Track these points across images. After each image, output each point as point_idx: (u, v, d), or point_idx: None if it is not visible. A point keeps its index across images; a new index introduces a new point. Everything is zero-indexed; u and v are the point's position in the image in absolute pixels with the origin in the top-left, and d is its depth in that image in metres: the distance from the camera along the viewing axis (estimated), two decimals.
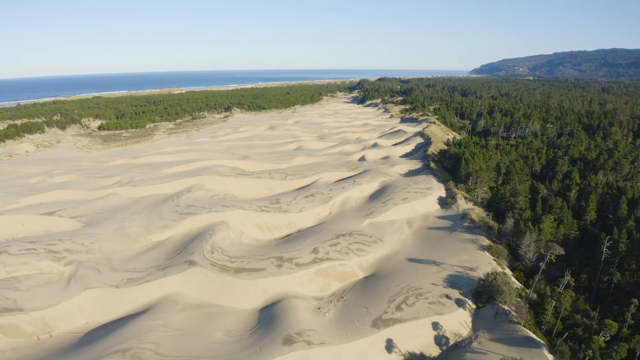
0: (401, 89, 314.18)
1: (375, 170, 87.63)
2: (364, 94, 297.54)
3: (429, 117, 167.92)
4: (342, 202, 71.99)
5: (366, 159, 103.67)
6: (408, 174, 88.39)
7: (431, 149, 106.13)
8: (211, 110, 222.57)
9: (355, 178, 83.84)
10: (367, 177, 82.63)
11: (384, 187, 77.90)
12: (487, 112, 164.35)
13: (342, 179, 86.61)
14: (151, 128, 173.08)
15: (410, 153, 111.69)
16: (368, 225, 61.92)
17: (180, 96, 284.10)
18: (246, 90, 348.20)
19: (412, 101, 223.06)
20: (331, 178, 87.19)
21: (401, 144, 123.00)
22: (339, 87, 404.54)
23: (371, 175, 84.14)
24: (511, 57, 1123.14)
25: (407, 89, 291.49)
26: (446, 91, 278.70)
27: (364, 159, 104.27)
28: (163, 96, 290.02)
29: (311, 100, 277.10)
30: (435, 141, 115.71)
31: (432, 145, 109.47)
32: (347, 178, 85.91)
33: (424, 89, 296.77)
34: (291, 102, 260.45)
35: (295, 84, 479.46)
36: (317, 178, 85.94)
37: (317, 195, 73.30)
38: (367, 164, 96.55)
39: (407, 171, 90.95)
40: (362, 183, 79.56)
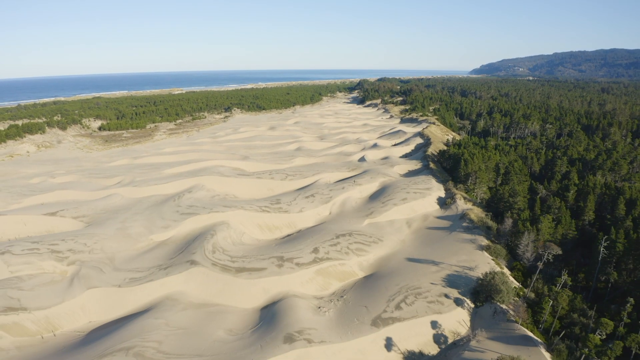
0: (401, 89, 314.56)
1: (375, 171, 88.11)
2: (364, 95, 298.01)
3: (428, 117, 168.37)
4: (342, 203, 72.48)
5: (366, 159, 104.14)
6: (408, 175, 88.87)
7: (431, 149, 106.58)
8: (211, 111, 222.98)
9: (355, 178, 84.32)
10: (367, 178, 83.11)
11: (383, 187, 78.40)
12: (486, 113, 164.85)
13: (342, 179, 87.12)
14: (151, 128, 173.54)
15: (410, 153, 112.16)
16: (368, 226, 62.40)
17: (180, 96, 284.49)
18: (246, 91, 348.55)
19: (412, 101, 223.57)
20: (331, 178, 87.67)
21: (401, 144, 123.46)
22: (338, 88, 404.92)
23: (371, 175, 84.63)
24: (511, 57, 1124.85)
25: (407, 90, 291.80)
26: (446, 91, 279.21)
27: (363, 159, 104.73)
28: (163, 96, 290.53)
29: (311, 101, 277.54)
30: (434, 142, 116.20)
31: (431, 146, 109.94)
32: (347, 178, 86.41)
33: (423, 89, 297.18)
34: (291, 102, 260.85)
35: (295, 84, 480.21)
36: (317, 178, 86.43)
37: (317, 196, 73.79)
38: (367, 165, 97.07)
39: (407, 171, 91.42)
40: (362, 183, 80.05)
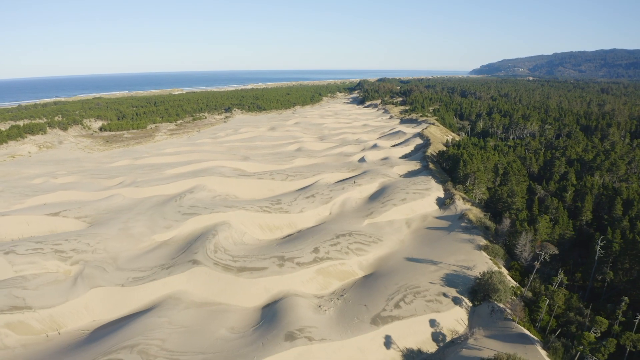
0: (401, 89, 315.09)
1: (375, 171, 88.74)
2: (363, 95, 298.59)
3: (428, 118, 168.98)
4: (342, 203, 73.11)
5: (366, 160, 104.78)
6: (407, 175, 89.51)
7: (430, 150, 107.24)
8: (212, 111, 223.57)
9: (355, 179, 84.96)
10: (367, 178, 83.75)
11: (383, 187, 79.04)
12: (486, 113, 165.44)
13: (342, 179, 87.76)
14: (152, 129, 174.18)
15: (409, 154, 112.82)
16: (367, 226, 63.02)
17: (180, 97, 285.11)
18: (246, 91, 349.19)
19: (411, 102, 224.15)
20: (331, 179, 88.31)
21: (400, 145, 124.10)
22: (338, 88, 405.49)
23: (371, 176, 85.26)
24: (511, 58, 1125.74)
25: (407, 90, 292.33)
26: (446, 92, 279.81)
27: (363, 160, 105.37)
28: (164, 97, 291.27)
29: (311, 101, 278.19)
30: (434, 142, 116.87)
31: (431, 147, 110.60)
32: (347, 179, 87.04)
33: (423, 89, 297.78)
34: (291, 102, 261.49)
35: (295, 84, 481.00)
36: (317, 179, 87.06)
37: (317, 196, 74.43)
38: (367, 165, 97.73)
39: (406, 172, 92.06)
40: (362, 184, 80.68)
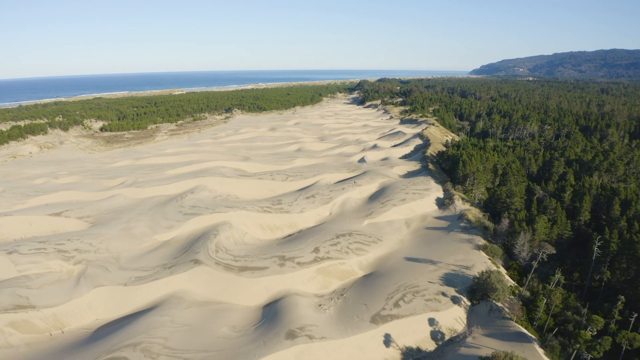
0: (401, 90, 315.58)
1: (375, 172, 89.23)
2: (363, 95, 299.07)
3: (428, 118, 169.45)
4: (342, 203, 73.60)
5: (366, 160, 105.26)
6: (407, 175, 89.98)
7: (430, 150, 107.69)
8: (212, 112, 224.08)
9: (355, 179, 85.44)
10: (367, 179, 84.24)
11: (383, 188, 79.52)
12: (485, 114, 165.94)
13: (342, 180, 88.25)
14: (153, 129, 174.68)
15: (409, 154, 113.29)
16: (367, 226, 63.51)
17: (181, 97, 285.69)
18: (247, 91, 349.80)
19: (411, 102, 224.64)
20: (331, 179, 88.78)
21: (400, 145, 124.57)
22: (339, 88, 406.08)
23: (371, 176, 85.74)
24: (511, 58, 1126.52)
25: (407, 90, 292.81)
26: (446, 92, 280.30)
27: (363, 160, 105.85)
28: (164, 97, 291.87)
29: (311, 101, 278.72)
30: (434, 143, 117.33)
31: (430, 147, 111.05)
32: (347, 179, 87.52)
33: (423, 90, 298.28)
34: (291, 103, 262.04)
35: (295, 84, 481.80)
36: (317, 179, 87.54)
37: (317, 196, 74.91)
38: (367, 166, 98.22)
39: (406, 172, 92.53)
40: (362, 184, 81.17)
